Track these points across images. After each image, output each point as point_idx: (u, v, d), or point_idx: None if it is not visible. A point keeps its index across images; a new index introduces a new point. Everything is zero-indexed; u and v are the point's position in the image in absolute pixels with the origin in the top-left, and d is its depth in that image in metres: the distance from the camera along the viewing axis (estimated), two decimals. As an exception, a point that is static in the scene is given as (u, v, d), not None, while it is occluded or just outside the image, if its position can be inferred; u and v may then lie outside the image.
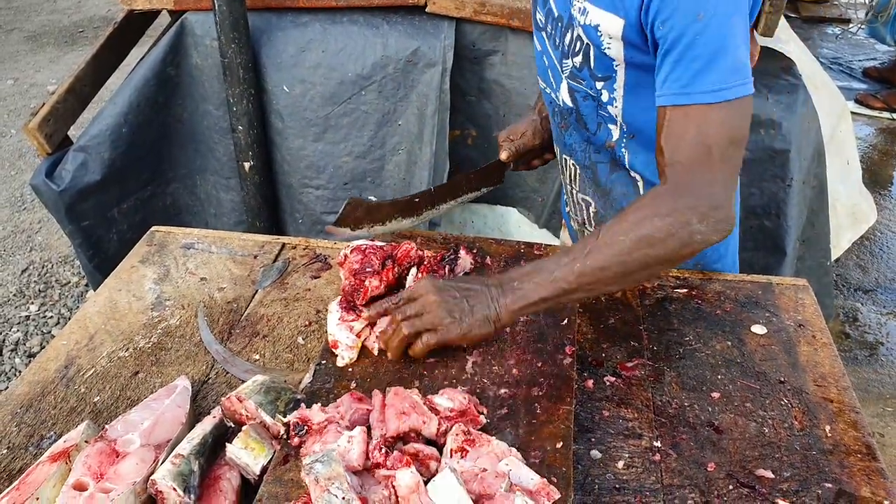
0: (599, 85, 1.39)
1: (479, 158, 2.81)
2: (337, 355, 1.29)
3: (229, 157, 2.79)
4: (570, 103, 1.49)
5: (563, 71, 1.45)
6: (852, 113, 3.64)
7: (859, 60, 5.85)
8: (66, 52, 6.14)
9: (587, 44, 1.34)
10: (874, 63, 5.75)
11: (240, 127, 2.63)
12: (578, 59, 1.38)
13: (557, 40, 1.43)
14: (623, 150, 1.46)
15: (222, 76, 2.59)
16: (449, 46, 2.59)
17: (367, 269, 1.36)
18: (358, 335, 1.29)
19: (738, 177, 1.28)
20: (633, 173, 1.50)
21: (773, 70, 2.58)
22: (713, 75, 1.17)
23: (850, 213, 3.14)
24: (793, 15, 6.13)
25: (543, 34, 1.49)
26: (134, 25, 2.92)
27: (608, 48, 1.31)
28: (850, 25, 6.22)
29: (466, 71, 2.70)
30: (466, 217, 3.04)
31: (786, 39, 2.69)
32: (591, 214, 1.67)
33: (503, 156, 1.68)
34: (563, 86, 1.47)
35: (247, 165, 2.70)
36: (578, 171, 1.62)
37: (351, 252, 1.41)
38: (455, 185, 1.67)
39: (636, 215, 1.20)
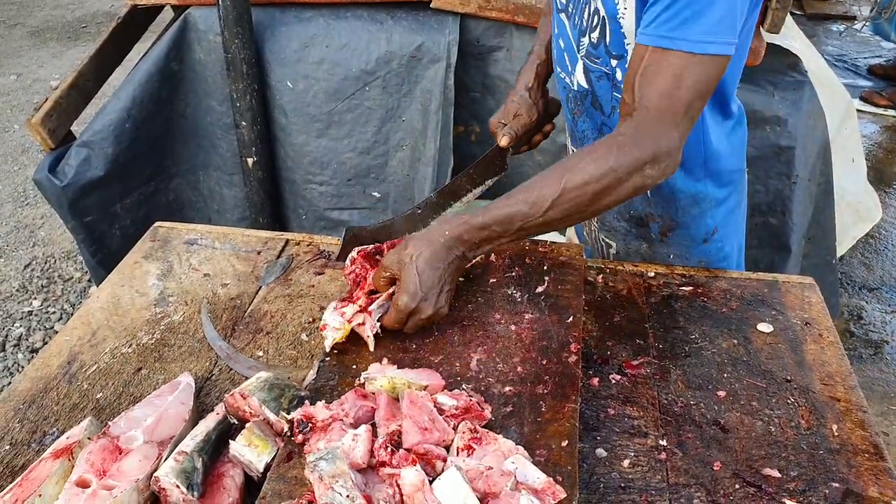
0: (614, 63, 1.39)
1: (482, 154, 2.79)
2: (325, 337, 1.28)
3: (232, 153, 2.79)
4: (585, 85, 1.48)
5: (579, 50, 1.45)
6: (857, 110, 3.63)
7: (864, 58, 5.83)
8: (70, 48, 6.14)
9: (603, 17, 1.35)
10: (879, 60, 5.74)
11: (243, 122, 2.63)
12: (595, 35, 1.39)
13: (577, 18, 1.43)
14: None
15: (226, 71, 2.58)
16: (453, 42, 2.58)
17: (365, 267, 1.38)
18: (349, 321, 1.28)
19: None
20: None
21: (779, 67, 2.57)
22: (703, 26, 1.17)
23: (855, 210, 3.13)
24: (798, 12, 6.11)
25: (563, 15, 1.48)
26: (137, 20, 2.91)
27: (623, 17, 1.31)
28: (855, 22, 6.20)
29: (470, 67, 2.69)
30: (469, 212, 3.03)
31: (792, 36, 2.68)
32: None
33: (503, 142, 1.61)
34: (579, 67, 1.47)
35: (250, 161, 2.70)
36: None
37: (350, 263, 1.41)
38: (456, 184, 1.63)
39: (599, 165, 1.23)
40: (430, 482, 0.98)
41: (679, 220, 1.58)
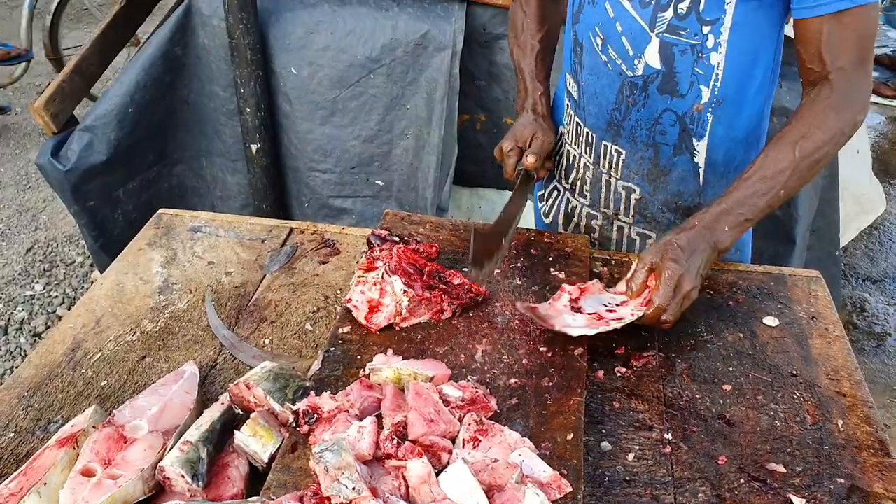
0: (706, 29, 1.40)
1: (487, 143, 2.79)
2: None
3: (236, 140, 2.78)
4: (658, 65, 1.46)
5: (654, 28, 1.43)
6: (864, 101, 3.60)
7: (871, 48, 5.78)
8: (72, 31, 6.10)
9: None
10: (886, 51, 5.69)
11: (247, 109, 2.62)
12: (683, 5, 1.39)
13: None
14: (708, 115, 1.48)
15: (230, 57, 2.57)
16: (459, 30, 2.56)
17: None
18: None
19: None
20: (696, 158, 1.53)
21: (787, 58, 2.54)
22: None
23: (858, 202, 3.12)
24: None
25: None
26: (140, 4, 2.89)
27: None
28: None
29: (476, 54, 2.67)
30: (474, 202, 3.03)
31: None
32: (633, 203, 1.63)
33: (530, 160, 1.59)
34: (653, 46, 1.45)
35: (254, 148, 2.69)
36: (625, 156, 1.58)
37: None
38: (508, 212, 1.53)
39: (825, 131, 1.36)
40: (437, 474, 0.98)
41: None
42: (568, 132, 1.70)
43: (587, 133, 1.63)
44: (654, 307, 1.28)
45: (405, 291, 1.30)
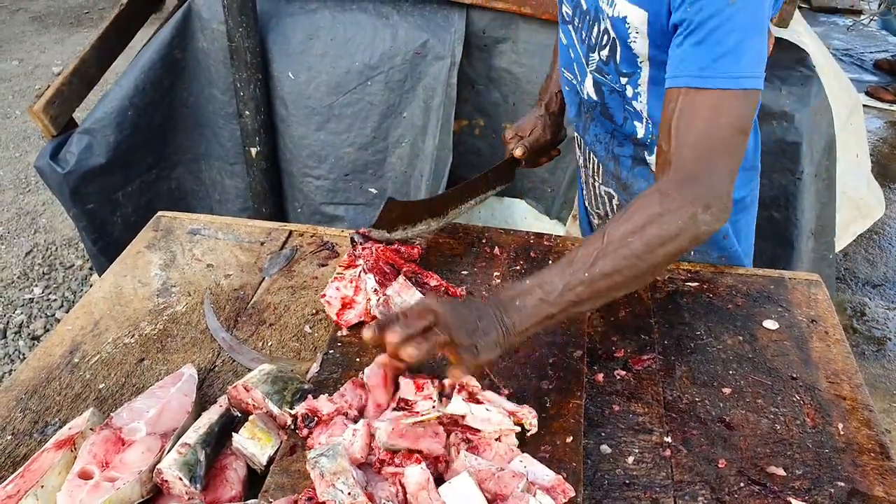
0: (624, 80, 1.38)
1: (485, 148, 2.78)
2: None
3: (234, 143, 2.78)
4: (594, 97, 1.48)
5: (588, 65, 1.44)
6: (862, 105, 3.61)
7: (870, 52, 5.80)
8: (72, 33, 6.11)
9: (613, 38, 1.33)
10: (885, 55, 5.71)
11: (246, 112, 2.62)
12: (605, 53, 1.37)
13: (584, 34, 1.41)
14: (650, 139, 1.45)
15: (229, 61, 2.57)
16: (458, 40, 2.56)
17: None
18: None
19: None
20: (654, 168, 1.48)
21: (787, 62, 2.55)
22: (736, 62, 1.15)
23: (857, 206, 3.11)
24: (803, 5, 6.08)
25: (570, 27, 1.47)
26: (140, 7, 2.89)
27: (634, 42, 1.29)
28: (862, 17, 6.17)
29: (475, 59, 2.67)
30: (474, 208, 3.02)
31: (800, 31, 2.66)
32: (615, 207, 1.66)
33: (518, 152, 1.63)
34: (588, 80, 1.46)
35: (253, 151, 2.69)
36: (601, 163, 1.61)
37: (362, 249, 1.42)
38: (473, 185, 1.63)
39: (643, 214, 1.13)
40: (435, 481, 0.98)
41: None
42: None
43: (577, 137, 1.69)
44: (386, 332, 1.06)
45: (375, 290, 1.31)
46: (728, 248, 1.59)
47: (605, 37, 1.35)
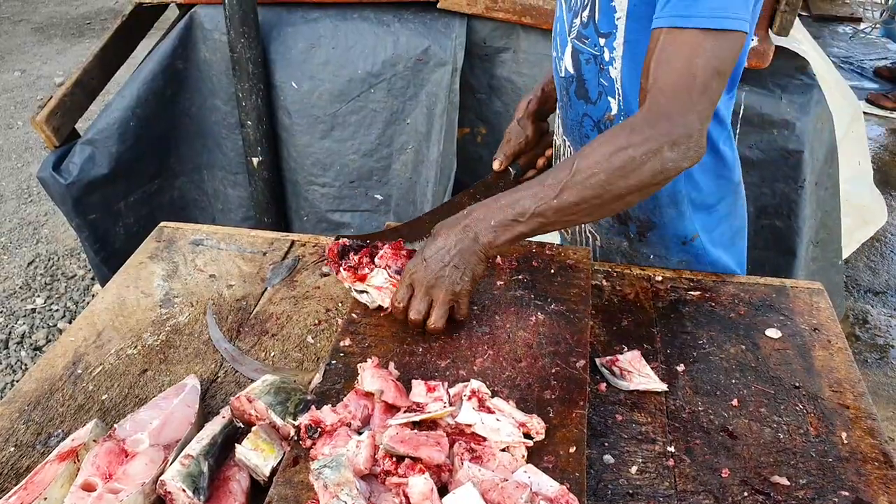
0: (602, 42, 1.38)
1: (488, 156, 2.78)
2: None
3: (237, 153, 2.79)
4: (571, 70, 1.48)
5: (570, 32, 1.45)
6: (863, 113, 3.62)
7: (870, 60, 5.81)
8: (74, 44, 6.14)
9: None
10: (885, 63, 5.72)
11: (248, 122, 2.62)
12: (585, 14, 1.39)
13: (573, 1, 1.43)
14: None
15: (231, 71, 2.58)
16: (460, 46, 2.58)
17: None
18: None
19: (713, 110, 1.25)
20: None
21: (788, 70, 2.56)
22: (716, 1, 1.16)
23: (860, 213, 3.12)
24: (804, 13, 6.09)
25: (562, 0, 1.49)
26: (142, 18, 2.91)
27: None
28: (863, 25, 6.18)
29: (477, 68, 2.69)
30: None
31: (800, 39, 2.67)
32: None
33: (495, 165, 1.64)
34: (568, 49, 1.47)
35: (255, 161, 2.69)
36: (573, 152, 1.60)
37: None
38: (457, 200, 1.63)
39: (610, 146, 1.18)
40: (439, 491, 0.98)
41: (656, 221, 1.57)
42: None
43: (557, 140, 1.69)
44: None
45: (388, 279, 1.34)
46: (689, 256, 1.58)
47: None
